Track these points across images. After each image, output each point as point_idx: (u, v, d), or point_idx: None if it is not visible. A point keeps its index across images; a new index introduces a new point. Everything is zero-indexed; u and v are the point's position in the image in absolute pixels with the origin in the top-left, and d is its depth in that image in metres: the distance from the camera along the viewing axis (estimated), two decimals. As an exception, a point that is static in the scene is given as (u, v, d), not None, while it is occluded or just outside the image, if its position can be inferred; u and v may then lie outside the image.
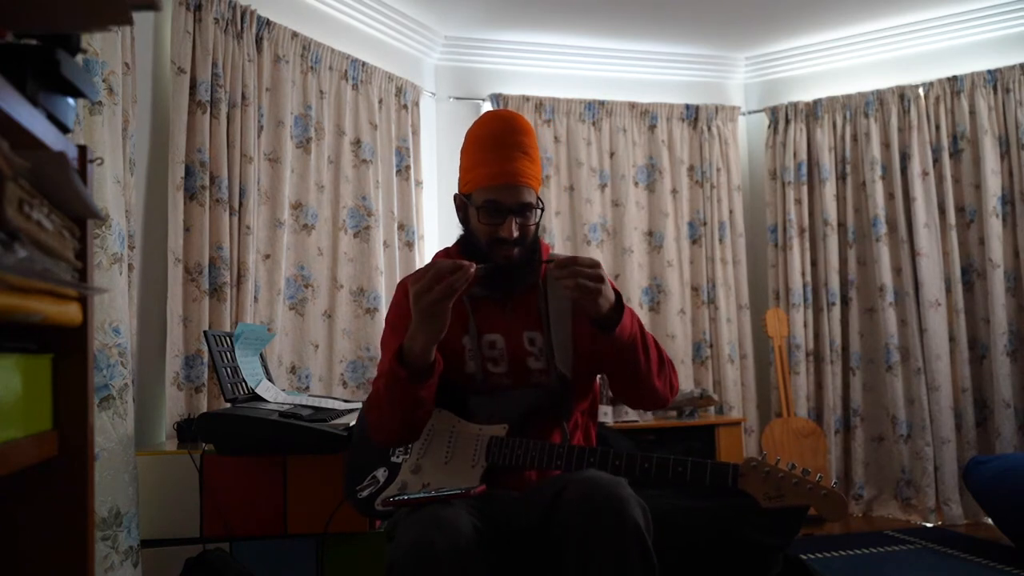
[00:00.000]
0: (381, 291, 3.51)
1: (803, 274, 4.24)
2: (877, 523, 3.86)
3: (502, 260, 1.60)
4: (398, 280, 3.62)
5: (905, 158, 4.06)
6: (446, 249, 1.77)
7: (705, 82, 4.55)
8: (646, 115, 4.36)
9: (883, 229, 4.07)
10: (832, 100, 4.25)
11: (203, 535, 2.14)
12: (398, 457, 1.65)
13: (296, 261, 3.25)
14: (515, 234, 1.58)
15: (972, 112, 3.96)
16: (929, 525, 3.78)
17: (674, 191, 4.37)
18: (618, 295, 1.52)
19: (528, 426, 1.61)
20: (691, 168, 4.42)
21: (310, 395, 2.90)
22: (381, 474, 1.64)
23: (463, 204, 1.66)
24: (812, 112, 4.29)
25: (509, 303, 1.67)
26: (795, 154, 4.31)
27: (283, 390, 2.67)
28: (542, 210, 1.64)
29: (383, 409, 1.55)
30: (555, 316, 1.66)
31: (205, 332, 2.44)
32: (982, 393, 3.94)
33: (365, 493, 1.62)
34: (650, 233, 4.33)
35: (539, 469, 1.57)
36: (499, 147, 1.58)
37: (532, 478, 1.60)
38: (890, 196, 4.10)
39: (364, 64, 3.58)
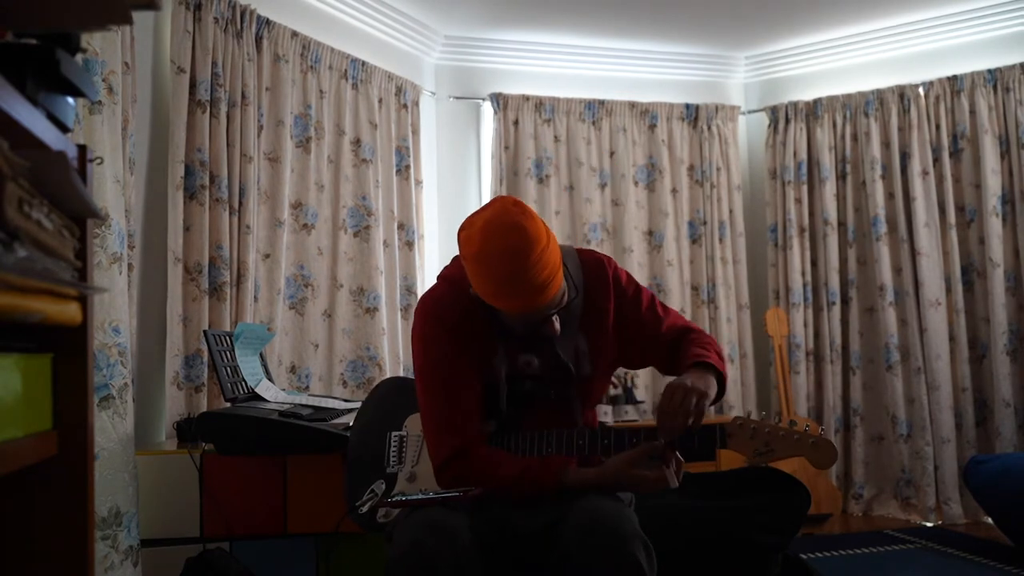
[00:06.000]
0: (381, 291, 3.51)
1: (803, 273, 4.24)
2: (877, 523, 3.86)
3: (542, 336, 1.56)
4: (398, 280, 3.64)
5: (905, 157, 4.06)
6: (445, 281, 1.65)
7: (705, 81, 4.54)
8: (646, 115, 4.36)
9: (883, 228, 4.07)
10: (832, 99, 4.24)
11: (203, 535, 2.14)
12: (393, 467, 1.66)
13: (296, 261, 3.25)
14: (558, 328, 1.53)
15: (972, 111, 3.95)
16: (929, 525, 3.78)
17: (674, 191, 4.36)
18: (717, 372, 1.50)
19: (527, 419, 1.60)
20: (691, 168, 4.41)
21: (310, 395, 2.89)
22: (379, 487, 1.65)
23: (484, 303, 1.51)
24: (812, 111, 4.29)
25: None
26: (795, 153, 4.31)
27: (283, 390, 2.67)
28: (573, 288, 1.55)
29: (498, 491, 1.49)
30: (567, 331, 1.63)
31: (205, 332, 2.44)
32: (982, 393, 3.94)
33: (366, 508, 1.63)
34: (650, 233, 4.33)
35: (531, 455, 1.56)
36: (517, 282, 1.40)
37: None
38: (890, 196, 4.10)
39: (364, 63, 3.57)
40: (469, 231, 1.44)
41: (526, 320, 1.50)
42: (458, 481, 1.51)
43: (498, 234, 1.39)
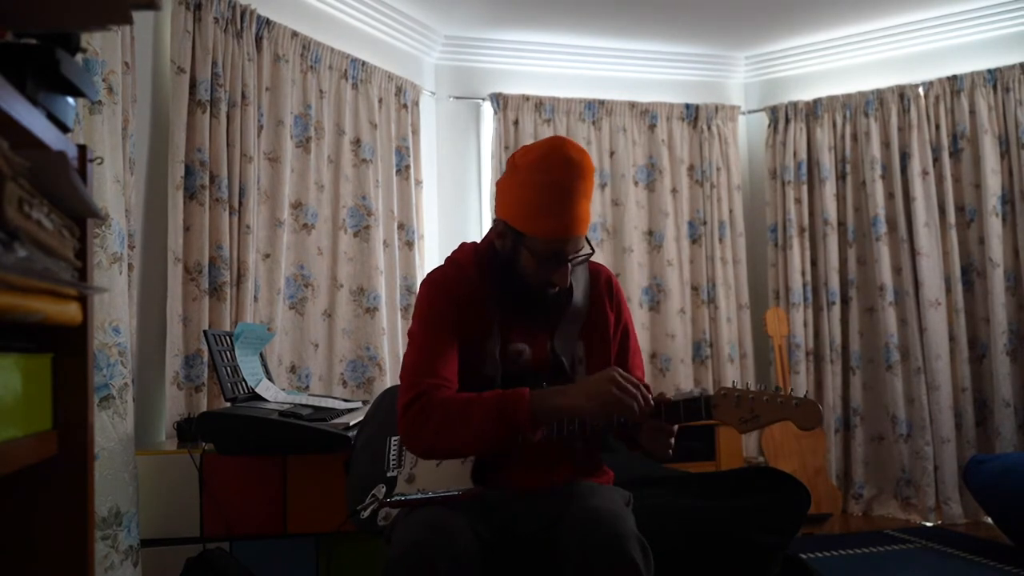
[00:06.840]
0: (381, 291, 3.51)
1: (803, 273, 4.24)
2: (877, 522, 3.86)
3: (543, 293, 1.57)
4: (398, 280, 3.64)
5: (905, 157, 4.06)
6: (452, 263, 1.66)
7: (705, 81, 4.54)
8: (646, 114, 4.36)
9: (883, 228, 4.07)
10: (832, 99, 4.24)
11: (203, 535, 2.14)
12: (393, 471, 1.66)
13: (296, 261, 3.25)
14: (569, 280, 1.56)
15: (972, 111, 3.95)
16: (929, 524, 3.78)
17: (674, 190, 4.36)
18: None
19: None
20: (691, 167, 4.41)
21: (310, 395, 2.89)
22: (379, 491, 1.65)
23: (510, 236, 1.56)
24: (812, 111, 4.29)
25: (537, 315, 1.63)
26: (795, 153, 4.31)
27: (283, 389, 2.67)
28: (590, 247, 1.60)
29: (465, 432, 1.43)
30: (565, 323, 1.64)
31: (205, 331, 2.44)
32: (982, 392, 3.94)
33: (367, 513, 1.63)
34: (650, 232, 4.33)
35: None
36: (567, 197, 1.49)
37: (523, 481, 1.57)
38: (890, 195, 4.10)
39: (364, 63, 3.57)
40: (528, 148, 1.55)
41: (549, 255, 1.52)
42: (417, 423, 1.45)
43: (563, 148, 1.50)
